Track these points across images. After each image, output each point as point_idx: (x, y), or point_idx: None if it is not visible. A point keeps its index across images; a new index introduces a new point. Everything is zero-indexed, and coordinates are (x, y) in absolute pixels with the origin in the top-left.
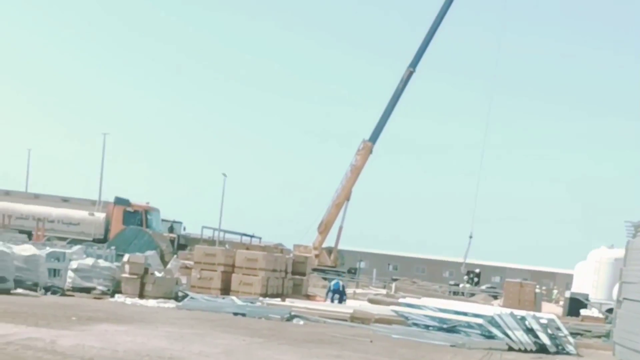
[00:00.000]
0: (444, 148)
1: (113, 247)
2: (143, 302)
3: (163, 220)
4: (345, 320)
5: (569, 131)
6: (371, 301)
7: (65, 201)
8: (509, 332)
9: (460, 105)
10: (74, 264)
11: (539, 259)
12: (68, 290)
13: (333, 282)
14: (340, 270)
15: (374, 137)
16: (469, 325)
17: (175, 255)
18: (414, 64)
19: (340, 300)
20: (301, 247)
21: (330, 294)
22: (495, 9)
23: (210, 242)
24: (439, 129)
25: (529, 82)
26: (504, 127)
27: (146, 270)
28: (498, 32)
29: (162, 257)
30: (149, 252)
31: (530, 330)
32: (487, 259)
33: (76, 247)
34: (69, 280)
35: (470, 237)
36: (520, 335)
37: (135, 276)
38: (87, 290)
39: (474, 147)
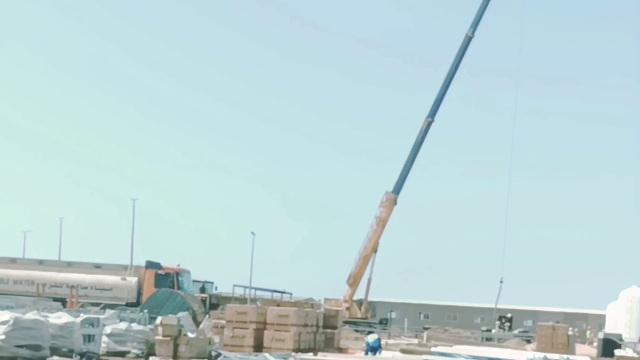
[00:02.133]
0: (471, 193)
1: (146, 311)
2: None
3: (194, 281)
4: None
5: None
6: (403, 351)
7: (98, 267)
8: None
9: (484, 151)
10: (107, 329)
11: (571, 300)
12: (103, 355)
13: (372, 339)
14: (371, 321)
15: (397, 188)
16: None
17: (207, 315)
18: (432, 114)
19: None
20: (332, 301)
21: (369, 353)
22: (511, 59)
23: (242, 300)
24: (463, 176)
25: (549, 136)
26: (529, 168)
27: (179, 332)
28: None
29: (194, 318)
30: (181, 314)
31: None
32: (518, 303)
33: (110, 312)
34: (103, 345)
35: (501, 282)
36: None
37: (168, 338)
38: (122, 354)
39: (499, 192)
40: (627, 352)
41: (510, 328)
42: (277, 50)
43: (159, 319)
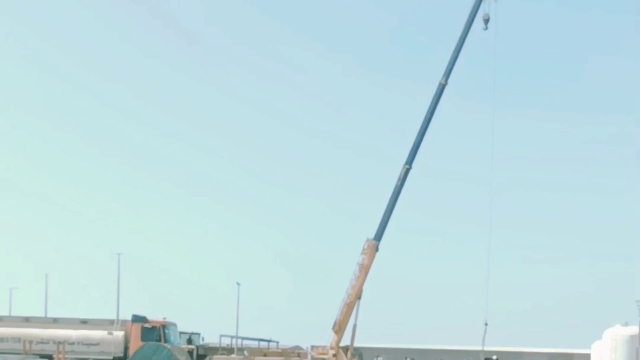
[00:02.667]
0: (453, 236)
1: None
2: None
3: (181, 332)
4: None
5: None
6: None
7: (84, 322)
8: None
9: (461, 195)
10: None
11: (556, 340)
12: None
13: None
14: None
15: (378, 235)
16: None
17: None
18: (410, 161)
19: None
20: (319, 348)
21: None
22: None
23: (229, 350)
24: (445, 220)
25: (528, 164)
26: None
27: None
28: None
29: None
30: None
31: None
32: (504, 345)
33: None
34: None
35: (486, 324)
36: None
37: None
38: None
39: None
40: None
41: None
42: (252, 106)
43: None
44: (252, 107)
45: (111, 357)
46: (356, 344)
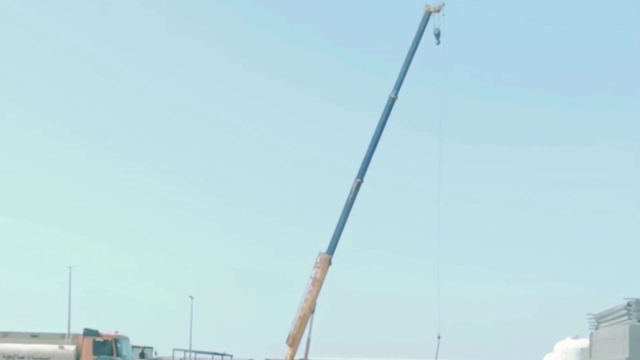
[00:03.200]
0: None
1: None
2: None
3: (134, 346)
4: None
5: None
6: None
7: (35, 337)
8: None
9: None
10: None
11: (507, 354)
12: None
13: None
14: None
15: (331, 249)
16: None
17: None
18: (361, 174)
19: None
20: None
21: None
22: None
23: None
24: (395, 233)
25: (475, 171)
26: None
27: None
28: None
29: None
30: None
31: None
32: (457, 358)
33: None
34: None
35: (439, 337)
36: None
37: None
38: None
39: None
40: None
41: None
42: (207, 121)
43: None
44: (206, 122)
45: None
46: (310, 358)
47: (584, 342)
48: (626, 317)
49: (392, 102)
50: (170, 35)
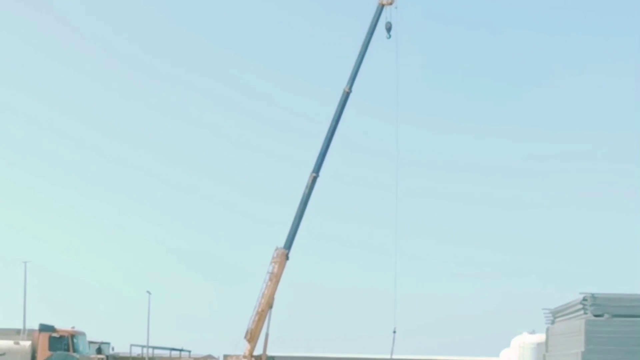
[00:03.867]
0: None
1: None
2: None
3: (90, 342)
4: None
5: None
6: None
7: None
8: None
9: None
10: None
11: (463, 348)
12: None
13: None
14: None
15: (288, 244)
16: None
17: None
18: (317, 169)
19: None
20: (233, 357)
21: None
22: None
23: (140, 359)
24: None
25: (434, 168)
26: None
27: None
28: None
29: None
30: None
31: None
32: (414, 353)
33: None
34: None
35: (394, 332)
36: None
37: None
38: None
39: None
40: None
41: None
42: (160, 110)
43: None
44: (160, 110)
45: None
46: (270, 353)
47: (541, 337)
48: (582, 312)
49: (346, 95)
50: None
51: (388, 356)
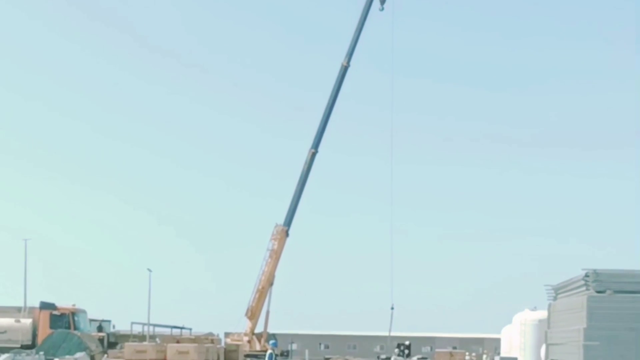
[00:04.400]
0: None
1: (42, 353)
2: None
3: (91, 320)
4: None
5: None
6: None
7: None
8: None
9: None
10: None
11: (466, 325)
12: None
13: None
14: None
15: (288, 220)
16: None
17: (105, 355)
18: (315, 145)
19: None
20: (234, 335)
21: None
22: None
23: (141, 337)
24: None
25: (426, 146)
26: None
27: None
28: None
29: (92, 358)
30: (78, 354)
31: None
32: (415, 330)
33: (5, 356)
34: None
35: (392, 308)
36: None
37: None
38: None
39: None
40: None
41: (409, 355)
42: (165, 87)
43: None
44: (160, 85)
45: (19, 345)
46: (270, 330)
47: (542, 314)
48: (584, 288)
49: (344, 70)
50: None
51: (388, 333)
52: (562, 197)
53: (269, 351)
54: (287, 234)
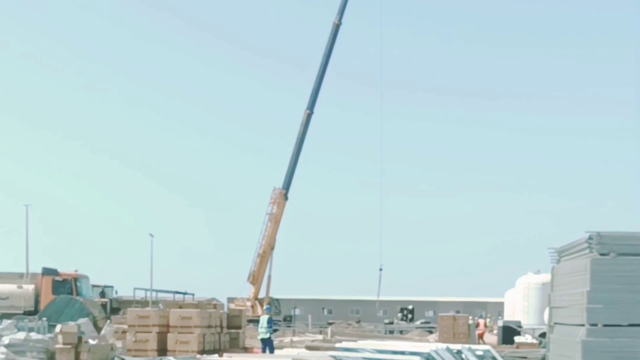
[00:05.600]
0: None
1: (45, 319)
2: None
3: (93, 285)
4: None
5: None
6: (309, 348)
7: None
8: None
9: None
10: (5, 340)
11: (469, 289)
12: None
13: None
14: (275, 318)
15: (286, 183)
16: None
17: (108, 321)
18: (311, 106)
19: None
20: (239, 300)
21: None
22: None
23: (144, 303)
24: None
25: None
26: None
27: (80, 339)
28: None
29: (95, 324)
30: (81, 320)
31: None
32: (418, 295)
33: (7, 322)
34: (1, 356)
35: (380, 269)
36: None
37: (69, 346)
38: None
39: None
40: (527, 338)
41: (412, 319)
42: (164, 45)
43: (58, 327)
44: (164, 44)
45: (21, 311)
46: (274, 296)
47: (546, 277)
48: (587, 251)
49: (336, 28)
50: None
51: (394, 298)
52: (560, 157)
53: (266, 316)
54: (285, 197)
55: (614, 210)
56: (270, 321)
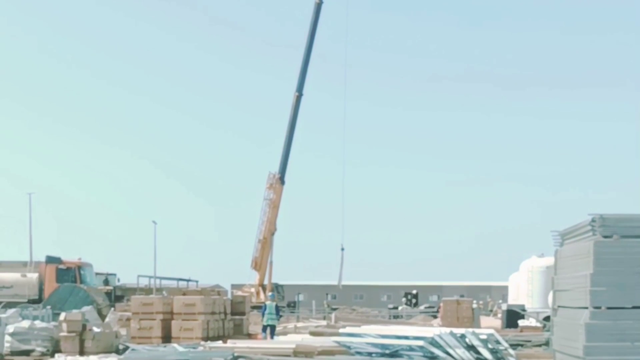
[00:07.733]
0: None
1: (49, 307)
2: (84, 359)
3: (97, 273)
4: (289, 355)
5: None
6: (313, 334)
7: None
8: (451, 351)
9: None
10: (10, 328)
11: (473, 274)
12: (7, 355)
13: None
14: (279, 304)
15: (282, 168)
16: (411, 349)
17: (112, 308)
18: (299, 88)
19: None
20: (245, 287)
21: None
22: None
23: (147, 290)
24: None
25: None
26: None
27: (84, 327)
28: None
29: (99, 312)
30: (85, 308)
31: (471, 347)
32: (423, 279)
33: (11, 311)
34: (6, 344)
35: (342, 249)
36: (462, 353)
37: (73, 334)
38: (27, 353)
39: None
40: (530, 321)
41: (416, 304)
42: (165, 31)
43: (62, 315)
44: (161, 28)
45: (25, 300)
46: (277, 281)
47: (550, 260)
48: (590, 233)
49: (318, 7)
50: None
51: (399, 283)
52: (564, 142)
53: (269, 302)
54: (282, 182)
55: (619, 197)
56: (277, 308)
